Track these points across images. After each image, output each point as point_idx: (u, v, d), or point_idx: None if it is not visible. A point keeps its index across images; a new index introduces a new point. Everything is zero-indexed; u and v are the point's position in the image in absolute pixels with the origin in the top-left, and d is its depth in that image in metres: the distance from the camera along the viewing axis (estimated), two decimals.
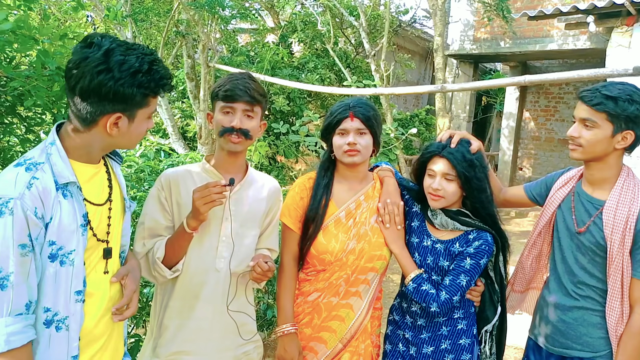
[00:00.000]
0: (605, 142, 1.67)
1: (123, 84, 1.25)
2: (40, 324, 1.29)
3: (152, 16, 6.68)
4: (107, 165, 1.49)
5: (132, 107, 1.31)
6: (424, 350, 1.87)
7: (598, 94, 1.66)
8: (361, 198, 1.93)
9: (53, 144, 1.32)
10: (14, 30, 1.81)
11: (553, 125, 11.03)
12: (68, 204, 1.30)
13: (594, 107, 1.66)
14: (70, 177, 1.30)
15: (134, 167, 3.11)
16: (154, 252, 1.66)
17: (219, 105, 1.72)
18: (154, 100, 1.37)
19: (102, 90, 1.25)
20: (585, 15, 6.02)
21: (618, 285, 1.68)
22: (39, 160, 1.28)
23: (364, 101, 1.91)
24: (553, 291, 1.88)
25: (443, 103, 6.98)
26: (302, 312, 1.92)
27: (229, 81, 1.72)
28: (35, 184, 1.23)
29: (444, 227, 1.86)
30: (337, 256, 1.86)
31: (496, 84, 4.39)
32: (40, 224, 1.24)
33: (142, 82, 1.28)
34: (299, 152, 6.67)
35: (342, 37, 9.24)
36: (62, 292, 1.30)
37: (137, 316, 2.77)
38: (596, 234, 1.72)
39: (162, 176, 1.77)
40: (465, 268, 1.79)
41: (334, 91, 5.05)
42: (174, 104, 7.97)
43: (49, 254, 1.27)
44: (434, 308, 1.77)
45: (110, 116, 1.29)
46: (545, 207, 1.93)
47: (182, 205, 1.71)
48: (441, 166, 1.79)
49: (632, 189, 1.68)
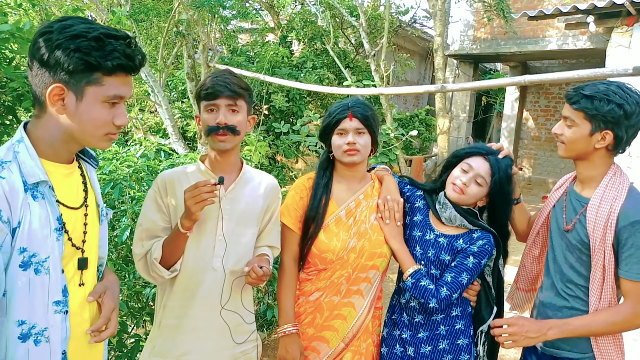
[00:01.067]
0: (584, 141, 1.68)
1: (59, 45, 1.12)
2: (14, 339, 1.15)
3: (152, 16, 6.69)
4: (82, 169, 1.37)
5: (75, 78, 1.15)
6: (422, 350, 1.87)
7: (579, 92, 1.68)
8: (361, 197, 1.94)
9: (21, 142, 1.19)
10: (12, 32, 1.82)
11: (553, 126, 11.01)
12: (39, 206, 1.17)
13: (572, 106, 1.69)
14: (40, 175, 1.18)
15: (133, 167, 3.11)
16: (152, 253, 1.67)
17: (203, 105, 1.73)
18: (109, 80, 1.19)
19: (40, 55, 1.13)
20: (585, 15, 6.02)
21: (598, 281, 1.68)
22: (5, 159, 1.15)
23: (362, 101, 1.93)
24: (545, 291, 1.89)
25: (443, 103, 6.99)
26: (303, 312, 1.93)
27: (209, 79, 1.72)
28: (1, 184, 1.11)
29: (451, 222, 1.87)
30: (339, 254, 1.87)
31: (496, 84, 4.39)
32: (6, 229, 1.11)
33: (82, 46, 1.12)
34: (299, 152, 6.67)
35: (342, 37, 9.25)
36: (39, 303, 1.18)
37: (137, 316, 2.77)
38: (580, 232, 1.73)
39: (159, 178, 1.77)
40: (467, 266, 1.80)
41: (333, 91, 5.05)
42: (174, 104, 7.97)
43: (20, 263, 1.14)
44: (432, 304, 1.77)
45: (52, 89, 1.15)
46: (543, 208, 1.95)
47: (178, 206, 1.72)
48: (481, 166, 1.82)
49: (616, 187, 1.68)
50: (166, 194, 1.73)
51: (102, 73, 1.17)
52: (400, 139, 6.56)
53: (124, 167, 3.08)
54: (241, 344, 1.80)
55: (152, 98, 6.31)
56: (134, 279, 2.74)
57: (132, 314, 2.75)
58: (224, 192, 1.75)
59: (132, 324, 2.78)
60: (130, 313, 2.73)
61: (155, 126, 8.27)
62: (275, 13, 9.21)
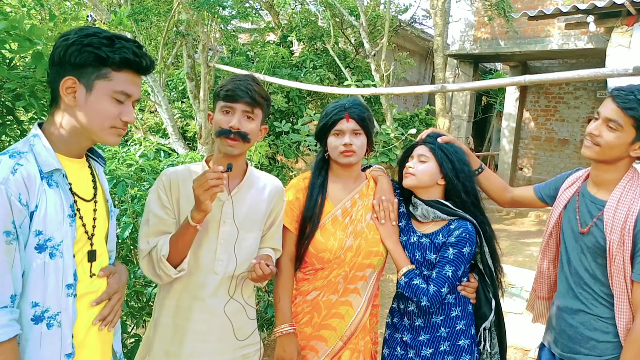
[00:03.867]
0: (624, 148, 1.63)
1: (74, 42, 1.24)
2: (27, 320, 1.21)
3: (152, 16, 6.68)
4: (91, 167, 1.45)
5: (86, 72, 1.25)
6: (422, 353, 1.87)
7: (632, 97, 1.58)
8: (356, 196, 1.96)
9: (36, 136, 1.28)
10: (8, 31, 1.81)
11: (553, 125, 11.03)
12: (54, 193, 1.25)
13: (624, 110, 1.59)
14: (55, 164, 1.25)
15: (134, 166, 3.11)
16: (158, 250, 1.64)
17: (219, 105, 1.72)
18: (117, 75, 1.28)
19: (55, 54, 1.25)
20: (586, 15, 6.01)
21: (622, 287, 1.63)
22: (23, 150, 1.24)
23: (359, 102, 1.93)
24: (561, 294, 1.85)
25: (443, 103, 6.98)
26: (301, 312, 1.93)
27: (231, 81, 1.71)
28: (19, 170, 1.18)
29: (426, 217, 1.90)
30: (336, 254, 1.88)
31: (496, 84, 4.39)
32: (25, 212, 1.18)
33: (93, 42, 1.24)
34: (299, 152, 6.67)
35: (342, 37, 9.24)
36: (53, 285, 1.24)
37: (137, 316, 2.77)
38: (597, 235, 1.69)
39: (163, 174, 1.76)
40: (448, 258, 1.81)
41: (333, 91, 5.04)
42: (174, 104, 7.97)
43: (35, 245, 1.21)
44: (424, 302, 1.78)
45: (65, 81, 1.26)
46: (553, 208, 1.91)
47: (183, 203, 1.71)
48: (418, 150, 1.92)
49: (634, 189, 1.64)
50: (170, 190, 1.72)
51: (111, 68, 1.27)
52: (400, 138, 6.56)
53: (124, 167, 3.08)
54: (242, 348, 1.79)
55: (152, 98, 6.31)
56: (134, 279, 2.74)
57: (132, 314, 2.75)
58: (226, 195, 1.74)
59: (132, 324, 2.78)
60: (130, 313, 2.73)
61: (155, 126, 8.26)
62: (275, 13, 9.21)
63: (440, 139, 1.92)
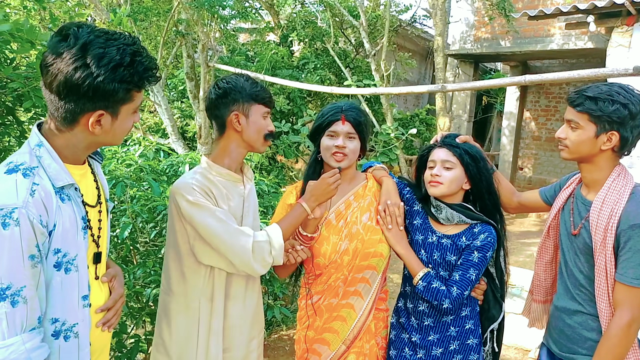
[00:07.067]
0: (590, 143, 1.67)
1: (103, 80, 1.14)
2: (47, 336, 1.21)
3: (151, 16, 6.68)
4: (91, 166, 1.42)
5: (115, 103, 1.21)
6: (432, 353, 1.86)
7: (581, 94, 1.66)
8: (350, 198, 1.93)
9: (41, 146, 1.21)
10: (12, 33, 1.81)
11: (553, 125, 11.02)
12: (67, 207, 1.22)
13: (576, 109, 1.67)
14: (67, 179, 1.22)
15: (133, 166, 3.10)
16: (272, 238, 1.66)
17: (260, 111, 1.72)
18: (138, 94, 1.26)
19: (80, 89, 1.14)
20: (586, 15, 6.01)
21: (604, 287, 1.65)
22: (32, 165, 1.18)
23: (356, 106, 1.92)
24: (560, 295, 1.86)
25: (444, 103, 6.97)
26: (304, 315, 1.94)
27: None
28: (37, 190, 1.14)
29: (450, 220, 1.86)
30: (331, 258, 1.86)
31: (496, 83, 4.38)
32: (46, 233, 1.16)
33: (124, 77, 1.17)
34: (299, 152, 6.66)
35: (342, 37, 9.24)
36: (69, 300, 1.23)
37: (136, 316, 2.76)
38: (585, 236, 1.71)
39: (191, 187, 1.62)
40: (473, 262, 1.79)
41: (334, 91, 5.03)
42: (174, 104, 7.97)
43: (54, 263, 1.19)
44: (446, 305, 1.76)
45: (91, 114, 1.19)
46: (551, 210, 1.92)
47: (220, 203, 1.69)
48: (441, 154, 1.86)
49: (619, 189, 1.66)
50: (207, 196, 1.64)
51: (135, 90, 1.24)
52: (401, 138, 6.56)
53: (123, 167, 3.08)
54: (259, 333, 1.86)
55: (152, 98, 6.30)
56: (133, 279, 2.74)
57: (132, 314, 2.74)
58: (243, 189, 1.77)
59: (131, 325, 2.77)
60: (130, 313, 2.73)
61: (154, 126, 8.27)
62: (275, 13, 9.20)
63: (459, 139, 1.87)
